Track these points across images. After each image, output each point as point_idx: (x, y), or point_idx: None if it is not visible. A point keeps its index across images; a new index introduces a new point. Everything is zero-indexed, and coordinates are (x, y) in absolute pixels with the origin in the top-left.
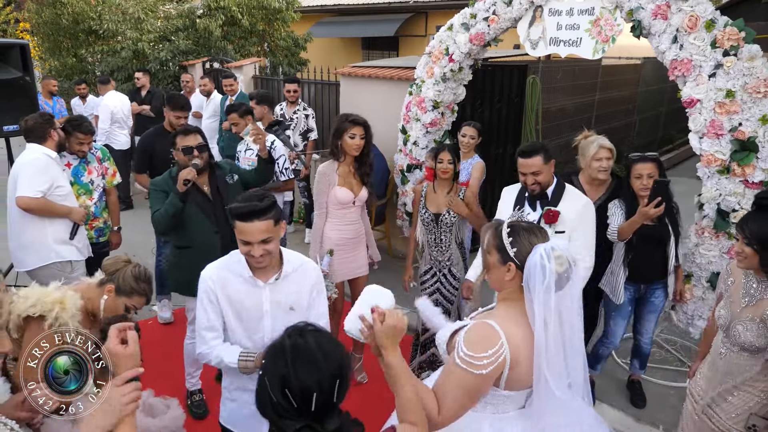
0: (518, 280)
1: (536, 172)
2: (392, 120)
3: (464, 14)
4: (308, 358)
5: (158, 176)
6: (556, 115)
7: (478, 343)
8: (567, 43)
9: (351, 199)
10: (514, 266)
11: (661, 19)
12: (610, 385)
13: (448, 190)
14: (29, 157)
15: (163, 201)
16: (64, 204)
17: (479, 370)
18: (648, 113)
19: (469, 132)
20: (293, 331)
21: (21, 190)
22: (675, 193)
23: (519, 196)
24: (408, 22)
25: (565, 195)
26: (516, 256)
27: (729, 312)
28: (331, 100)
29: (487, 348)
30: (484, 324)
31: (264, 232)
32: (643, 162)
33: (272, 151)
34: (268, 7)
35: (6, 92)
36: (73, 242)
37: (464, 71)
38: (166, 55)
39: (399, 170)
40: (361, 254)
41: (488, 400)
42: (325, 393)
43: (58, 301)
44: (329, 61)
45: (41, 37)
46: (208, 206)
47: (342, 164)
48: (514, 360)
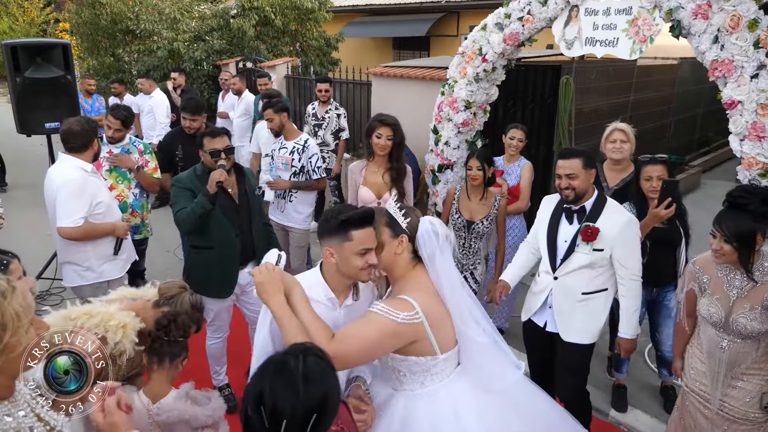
0: (407, 251)
1: (572, 175)
2: (424, 120)
3: (498, 14)
4: (289, 381)
5: (181, 174)
6: (590, 116)
7: (394, 306)
8: (603, 43)
9: (372, 199)
10: (406, 238)
11: (701, 18)
12: (644, 392)
13: (480, 196)
14: (64, 177)
15: (187, 199)
16: (106, 220)
17: (395, 318)
18: (684, 114)
19: (517, 135)
20: (293, 349)
21: (61, 219)
22: (712, 196)
23: (557, 208)
24: (439, 22)
25: (606, 209)
26: (408, 228)
27: (720, 308)
28: (362, 99)
29: (403, 310)
30: (395, 299)
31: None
32: (653, 164)
33: (305, 149)
34: (301, 7)
35: (48, 91)
36: (117, 256)
37: (497, 71)
38: (200, 54)
39: (430, 170)
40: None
41: (432, 371)
42: (297, 422)
43: (121, 326)
44: (360, 60)
45: (80, 37)
46: (233, 209)
47: (371, 164)
48: (432, 324)
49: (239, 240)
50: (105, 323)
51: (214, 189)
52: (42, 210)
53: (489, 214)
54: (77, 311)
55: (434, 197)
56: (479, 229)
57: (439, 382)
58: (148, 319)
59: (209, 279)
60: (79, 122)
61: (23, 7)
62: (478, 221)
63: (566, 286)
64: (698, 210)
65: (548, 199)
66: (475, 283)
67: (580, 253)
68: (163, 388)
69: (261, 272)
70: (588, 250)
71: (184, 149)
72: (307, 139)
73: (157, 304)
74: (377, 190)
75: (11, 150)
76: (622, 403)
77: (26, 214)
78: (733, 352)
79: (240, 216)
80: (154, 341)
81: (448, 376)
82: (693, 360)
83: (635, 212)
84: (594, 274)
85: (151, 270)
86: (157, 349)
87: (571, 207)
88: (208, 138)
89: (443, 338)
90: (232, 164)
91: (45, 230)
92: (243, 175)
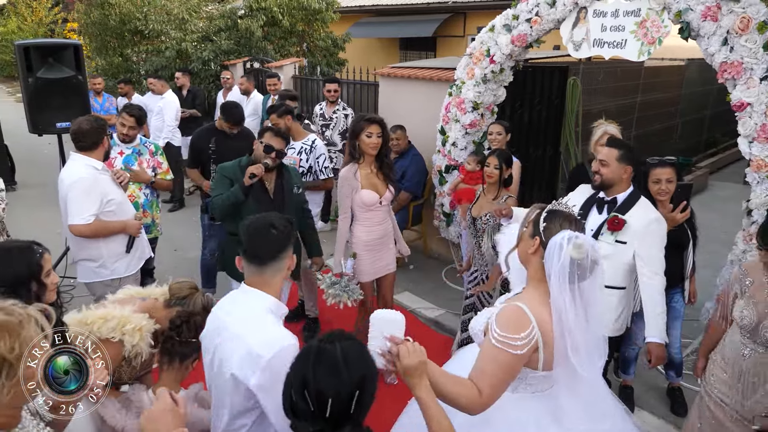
0: (539, 257)
1: (603, 162)
2: (431, 121)
3: (506, 15)
4: (330, 363)
5: (227, 162)
6: (597, 117)
7: (511, 325)
8: (611, 44)
9: (377, 200)
10: (539, 241)
11: (710, 20)
12: (651, 393)
13: (494, 196)
14: (75, 175)
15: (225, 186)
16: (118, 218)
17: (516, 351)
18: (692, 116)
19: (495, 129)
20: (326, 336)
21: (72, 217)
22: (719, 198)
23: (590, 197)
24: (446, 23)
25: (637, 206)
26: (544, 231)
27: (754, 312)
28: (369, 100)
29: (520, 331)
30: (514, 307)
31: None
32: (662, 167)
33: (313, 149)
34: (308, 8)
35: (59, 91)
36: (130, 254)
37: (505, 72)
38: (208, 54)
39: (437, 171)
40: (389, 252)
41: (527, 381)
42: (342, 402)
43: (137, 329)
44: (367, 61)
45: (89, 37)
46: (268, 204)
47: (362, 166)
48: (545, 342)
49: None
50: (121, 327)
51: (249, 182)
52: (51, 208)
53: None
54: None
55: (441, 198)
56: (478, 224)
57: (530, 393)
58: (160, 318)
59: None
60: (88, 121)
61: (32, 7)
62: (480, 216)
63: None
64: (706, 212)
65: (583, 187)
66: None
67: (602, 242)
68: (172, 388)
69: (408, 354)
70: (611, 240)
71: (217, 145)
72: (314, 139)
73: (168, 303)
74: (378, 191)
75: (22, 149)
76: (629, 404)
77: (36, 212)
78: (754, 362)
79: (273, 210)
80: (165, 341)
81: (541, 391)
82: (714, 367)
83: None
84: (614, 267)
85: (159, 268)
86: (168, 349)
87: (603, 197)
88: (271, 134)
89: (549, 354)
90: (276, 164)
91: (54, 229)
92: (283, 173)
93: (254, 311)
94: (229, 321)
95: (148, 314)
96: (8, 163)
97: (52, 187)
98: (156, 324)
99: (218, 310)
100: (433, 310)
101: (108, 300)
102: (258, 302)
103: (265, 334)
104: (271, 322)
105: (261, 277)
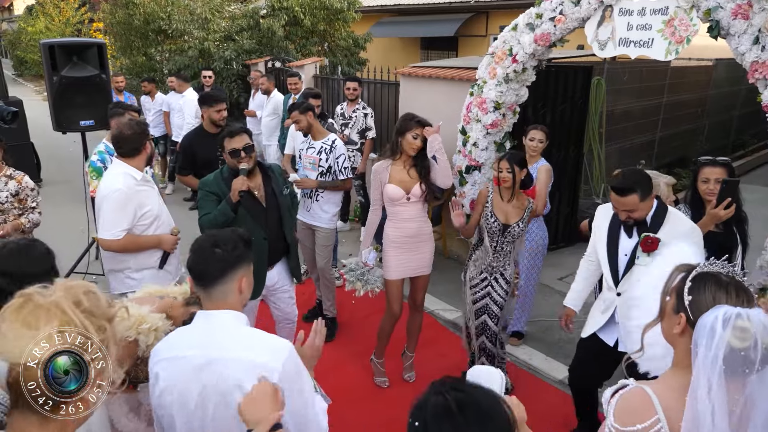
0: (688, 340)
1: (631, 210)
2: (452, 121)
3: (529, 14)
4: (481, 414)
5: (207, 175)
6: (621, 117)
7: (627, 413)
8: (638, 43)
9: (402, 195)
10: (684, 319)
11: (741, 19)
12: None
13: (509, 198)
14: (111, 186)
15: (212, 203)
16: (152, 231)
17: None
18: (719, 117)
19: (537, 136)
20: (440, 388)
21: (101, 231)
22: (747, 201)
23: (614, 220)
24: (468, 22)
25: (668, 219)
26: (690, 307)
27: None
28: (390, 99)
29: (636, 422)
30: (640, 391)
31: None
32: (712, 166)
33: (333, 149)
34: (330, 8)
35: (83, 89)
36: (163, 269)
37: (528, 72)
38: (230, 54)
39: (457, 171)
40: (422, 255)
41: None
42: None
43: (153, 330)
44: (388, 60)
45: (113, 37)
46: (260, 212)
47: (396, 162)
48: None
49: (267, 243)
50: (137, 326)
51: (237, 198)
52: (76, 205)
53: (523, 217)
54: None
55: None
56: (514, 232)
57: None
58: (176, 318)
59: None
60: (129, 125)
61: (59, 8)
62: (513, 224)
63: (631, 303)
64: None
65: (603, 209)
66: (506, 284)
67: (641, 266)
68: None
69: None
70: (650, 261)
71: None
72: (335, 139)
73: (187, 302)
74: (405, 187)
75: (48, 147)
76: None
77: (60, 210)
78: None
79: (268, 218)
80: None
81: None
82: None
83: (690, 215)
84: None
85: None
86: None
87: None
88: (227, 138)
89: None
90: (255, 163)
91: (78, 225)
92: (269, 176)
93: (234, 329)
94: (209, 352)
95: (166, 314)
96: (34, 160)
97: (77, 185)
98: (172, 325)
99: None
100: (451, 311)
101: (127, 298)
102: (227, 320)
103: (263, 345)
104: (257, 333)
105: (210, 301)
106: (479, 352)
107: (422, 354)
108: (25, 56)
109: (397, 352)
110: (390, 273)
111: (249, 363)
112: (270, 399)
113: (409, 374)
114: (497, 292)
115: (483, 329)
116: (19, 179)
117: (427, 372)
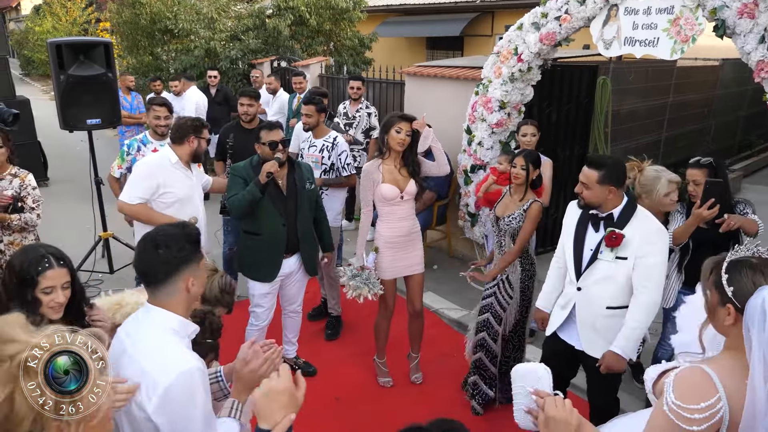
0: (741, 326)
1: (585, 186)
2: (457, 120)
3: (535, 13)
4: None
5: (238, 163)
6: (627, 117)
7: (690, 391)
8: (643, 43)
9: (397, 194)
10: (733, 308)
11: (747, 18)
12: None
13: (521, 197)
14: (147, 159)
15: (240, 186)
16: (172, 212)
17: (690, 426)
18: (725, 117)
19: (529, 130)
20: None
21: (122, 193)
22: (753, 202)
23: (583, 215)
24: (474, 22)
25: (635, 218)
26: (734, 295)
27: None
28: (395, 99)
29: (700, 400)
30: (699, 370)
31: None
32: (692, 168)
33: (335, 146)
34: (336, 7)
35: (90, 88)
36: None
37: (533, 71)
38: (236, 53)
39: (462, 171)
40: (414, 253)
41: None
42: None
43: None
44: (393, 60)
45: (120, 36)
46: (281, 200)
47: (386, 161)
48: (733, 421)
49: (286, 230)
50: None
51: (264, 179)
52: (82, 204)
53: (514, 214)
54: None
55: (466, 198)
56: (502, 225)
57: None
58: None
59: (256, 263)
60: (187, 118)
61: (66, 7)
62: (504, 216)
63: (590, 298)
64: None
65: (573, 205)
66: (511, 289)
67: (602, 260)
68: None
69: (555, 406)
70: (611, 257)
71: (236, 140)
72: (336, 136)
73: None
74: (398, 185)
75: (55, 146)
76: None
77: (67, 208)
78: None
79: (287, 207)
80: None
81: None
82: None
83: (685, 214)
84: (619, 286)
85: None
86: None
87: (597, 214)
88: (266, 131)
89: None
90: (287, 156)
91: (84, 224)
92: (294, 168)
93: (154, 331)
94: (128, 343)
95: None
96: (41, 159)
97: (84, 183)
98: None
99: (120, 331)
100: (456, 311)
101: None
102: (160, 321)
103: (163, 357)
104: (173, 344)
105: (156, 298)
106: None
107: (427, 353)
108: (32, 56)
109: (400, 351)
110: (385, 273)
111: (140, 369)
112: (287, 396)
113: (416, 375)
114: (502, 294)
115: (485, 326)
116: (23, 177)
117: (432, 372)
